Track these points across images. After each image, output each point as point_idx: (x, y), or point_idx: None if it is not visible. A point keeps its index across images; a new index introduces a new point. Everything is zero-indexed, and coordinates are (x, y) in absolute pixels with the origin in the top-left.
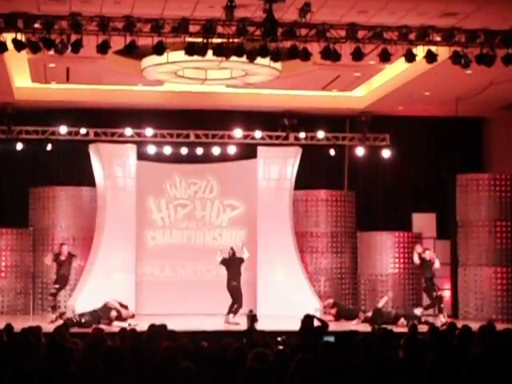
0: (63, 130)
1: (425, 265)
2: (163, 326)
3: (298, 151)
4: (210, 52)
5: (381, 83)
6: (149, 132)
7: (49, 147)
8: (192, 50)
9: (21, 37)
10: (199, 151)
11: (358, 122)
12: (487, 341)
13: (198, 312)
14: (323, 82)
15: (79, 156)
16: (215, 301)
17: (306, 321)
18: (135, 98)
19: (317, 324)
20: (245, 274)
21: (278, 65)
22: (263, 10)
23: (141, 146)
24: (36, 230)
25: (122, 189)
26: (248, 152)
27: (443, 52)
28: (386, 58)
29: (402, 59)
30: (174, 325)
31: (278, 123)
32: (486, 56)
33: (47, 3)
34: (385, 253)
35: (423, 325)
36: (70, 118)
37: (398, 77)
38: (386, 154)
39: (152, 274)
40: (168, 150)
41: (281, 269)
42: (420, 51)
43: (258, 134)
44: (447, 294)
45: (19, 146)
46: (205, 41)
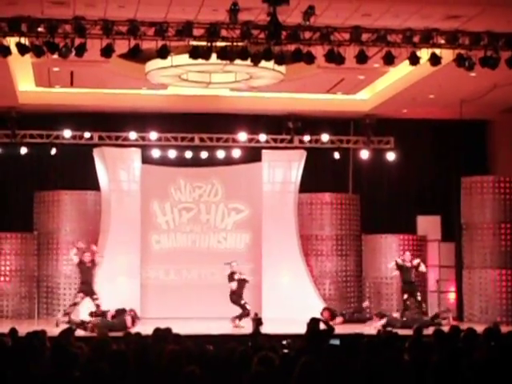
0: (67, 134)
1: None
2: (168, 330)
3: (303, 154)
4: (214, 55)
5: (385, 86)
6: (153, 136)
7: (53, 151)
8: (196, 53)
9: (24, 41)
10: (204, 155)
11: (363, 125)
12: (492, 343)
13: (203, 315)
14: (327, 85)
15: (84, 160)
16: (220, 304)
17: (312, 324)
18: (139, 102)
19: (323, 327)
20: (250, 277)
21: (283, 68)
22: (267, 13)
23: (145, 149)
24: (40, 234)
25: (126, 193)
26: (252, 155)
27: (447, 55)
28: (390, 60)
29: (406, 62)
30: (179, 328)
31: (282, 126)
32: (490, 58)
33: (51, 7)
34: (390, 255)
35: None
36: (74, 122)
37: (402, 80)
38: (391, 156)
39: (157, 277)
40: (172, 154)
41: (286, 272)
42: (424, 54)
43: (263, 138)
44: (452, 296)
45: (23, 150)
46: (209, 44)
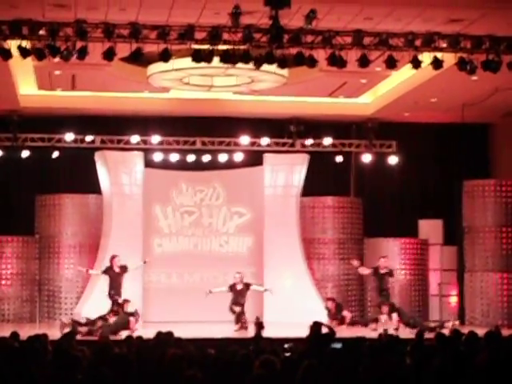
0: (69, 137)
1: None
2: (170, 334)
3: (305, 158)
4: (216, 59)
5: (387, 90)
6: (155, 139)
7: (55, 155)
8: (198, 56)
9: (26, 44)
10: (206, 158)
11: (365, 129)
12: (493, 347)
13: (205, 319)
14: (329, 88)
15: (85, 163)
16: (222, 308)
17: (314, 327)
18: (141, 105)
19: (325, 331)
20: (252, 280)
21: (285, 71)
22: (269, 17)
23: (147, 153)
24: (42, 237)
25: (128, 196)
26: (255, 159)
27: (449, 58)
28: (392, 64)
29: (408, 66)
30: (181, 332)
31: (284, 130)
32: (492, 62)
33: (52, 10)
34: (391, 259)
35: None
36: (75, 126)
37: (404, 83)
38: (393, 160)
39: (159, 281)
40: (174, 158)
41: (288, 275)
42: (426, 58)
43: (265, 141)
44: (454, 299)
45: (25, 154)
46: (211, 48)
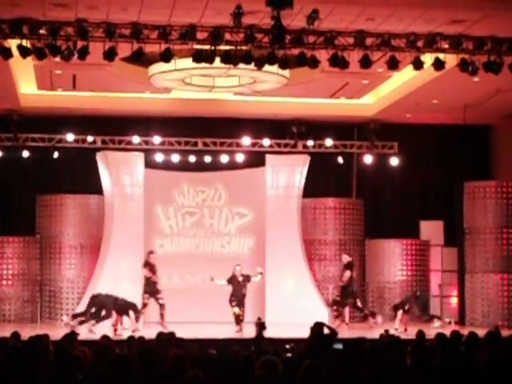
0: (70, 137)
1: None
2: (171, 334)
3: (307, 159)
4: (217, 59)
5: (389, 91)
6: (156, 140)
7: (56, 155)
8: (199, 57)
9: (26, 43)
10: (207, 159)
11: (366, 130)
12: (493, 347)
13: (206, 320)
14: (331, 89)
15: (86, 164)
16: (223, 308)
17: (316, 328)
18: (142, 106)
19: (326, 331)
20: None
21: (286, 72)
22: (271, 17)
23: (148, 153)
24: (43, 237)
25: (129, 197)
26: (256, 160)
27: (451, 59)
28: (393, 65)
29: (410, 67)
30: (182, 332)
31: (286, 131)
32: (494, 63)
33: (53, 9)
34: (393, 260)
35: None
36: (76, 126)
37: (405, 84)
38: (394, 161)
39: (160, 282)
40: (176, 158)
41: (289, 276)
42: (428, 58)
43: (267, 142)
44: (454, 300)
45: (26, 154)
46: (212, 48)
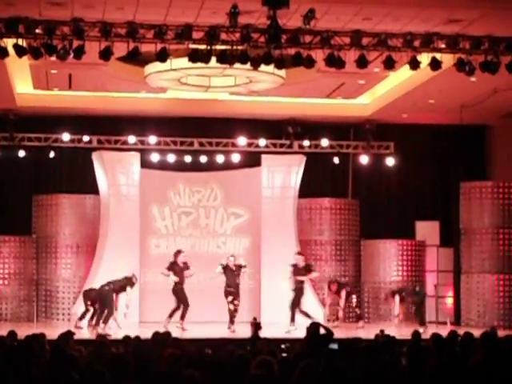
0: (66, 137)
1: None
2: (167, 334)
3: (302, 159)
4: (213, 59)
5: (385, 91)
6: (152, 140)
7: (52, 154)
8: (195, 56)
9: (22, 42)
10: (203, 159)
11: (363, 130)
12: (489, 348)
13: (202, 320)
14: (327, 89)
15: (82, 164)
16: (219, 308)
17: (312, 328)
18: (138, 106)
19: (322, 332)
20: (249, 281)
21: (282, 72)
22: (267, 17)
23: (144, 153)
24: (39, 237)
25: (125, 197)
26: (252, 160)
27: (447, 59)
28: (390, 65)
29: (407, 66)
30: (178, 332)
31: (282, 131)
32: (491, 63)
33: (49, 8)
34: (388, 261)
35: None
36: (72, 125)
37: (402, 84)
38: (390, 162)
39: (156, 281)
40: (172, 158)
41: (285, 277)
42: (424, 58)
43: (262, 142)
44: (450, 301)
45: (21, 153)
46: (208, 47)
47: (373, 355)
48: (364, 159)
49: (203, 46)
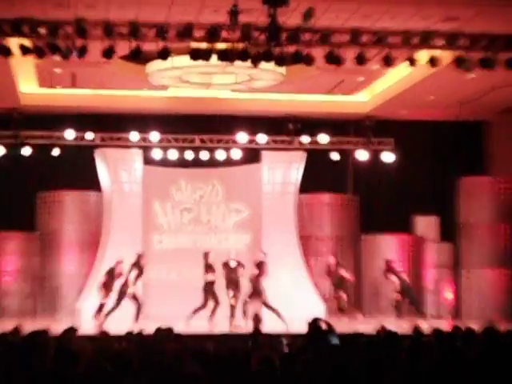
0: (69, 134)
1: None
2: (170, 329)
3: (303, 156)
4: (214, 57)
5: (384, 88)
6: (154, 137)
7: (55, 152)
8: (196, 54)
9: (26, 42)
10: (204, 156)
11: (362, 127)
12: (490, 342)
13: (204, 315)
14: (327, 86)
15: (86, 161)
16: (221, 304)
17: (313, 323)
18: (140, 103)
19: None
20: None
21: (283, 69)
22: (267, 15)
23: (146, 150)
24: (43, 234)
25: (128, 193)
26: (253, 156)
27: (446, 56)
28: (389, 62)
29: (406, 63)
30: (180, 327)
31: (282, 128)
32: (489, 60)
33: (52, 8)
34: (388, 255)
35: None
36: (76, 123)
37: (401, 81)
38: (390, 158)
39: (158, 277)
40: (173, 155)
41: (286, 272)
42: (423, 55)
43: (263, 139)
44: (450, 295)
45: (26, 151)
46: (209, 46)
47: (374, 350)
48: (364, 155)
49: (204, 44)
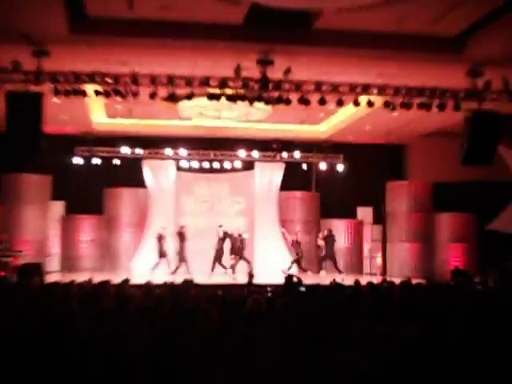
0: (126, 150)
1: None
2: (191, 280)
3: (282, 166)
4: (223, 99)
5: (337, 121)
6: (183, 152)
7: (116, 162)
8: (212, 97)
9: (98, 87)
10: (216, 165)
11: (323, 147)
12: (405, 290)
13: (215, 271)
14: (299, 119)
15: (136, 168)
16: (226, 263)
17: (288, 277)
18: (173, 129)
19: (295, 280)
20: (247, 248)
21: (269, 107)
22: (260, 72)
23: (178, 161)
24: (108, 216)
25: (164, 190)
26: (249, 166)
27: (378, 100)
28: (341, 103)
29: (351, 104)
30: (199, 280)
31: (268, 147)
32: (407, 103)
33: (116, 65)
34: (338, 233)
35: None
36: (130, 142)
37: (348, 116)
38: (340, 168)
39: (187, 247)
40: (196, 164)
41: (271, 243)
42: (363, 99)
43: (256, 154)
44: (379, 260)
45: (96, 161)
46: (221, 91)
47: (328, 295)
48: (323, 166)
49: (217, 90)
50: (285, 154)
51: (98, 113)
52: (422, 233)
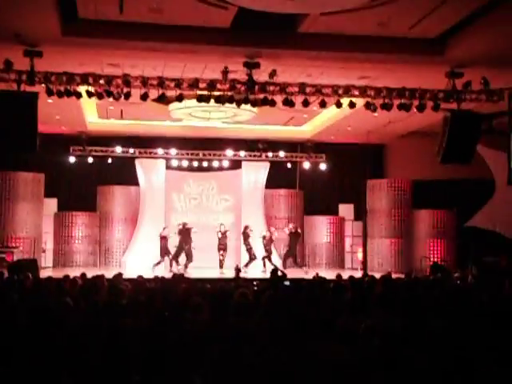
0: (118, 149)
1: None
2: (181, 275)
3: (267, 165)
4: (212, 100)
5: (320, 121)
6: (173, 152)
7: (109, 161)
8: (201, 99)
9: (91, 88)
10: (205, 164)
11: (306, 146)
12: (385, 284)
13: (204, 265)
14: (283, 119)
15: (128, 167)
16: (214, 258)
17: (273, 272)
18: (164, 129)
19: (280, 274)
20: (233, 242)
21: (255, 109)
22: (246, 74)
23: (168, 160)
24: (101, 213)
25: (155, 188)
26: (236, 165)
27: (359, 101)
28: (323, 105)
29: (334, 106)
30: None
31: (254, 147)
32: (387, 104)
33: (108, 67)
34: (321, 229)
35: None
36: (122, 142)
37: (331, 117)
38: (323, 166)
39: (175, 241)
40: (185, 163)
41: (256, 238)
42: (345, 101)
43: (242, 154)
44: (360, 255)
45: (90, 160)
46: (209, 93)
47: (311, 289)
48: (307, 165)
49: (206, 92)
50: (270, 154)
51: (92, 114)
52: (402, 229)
